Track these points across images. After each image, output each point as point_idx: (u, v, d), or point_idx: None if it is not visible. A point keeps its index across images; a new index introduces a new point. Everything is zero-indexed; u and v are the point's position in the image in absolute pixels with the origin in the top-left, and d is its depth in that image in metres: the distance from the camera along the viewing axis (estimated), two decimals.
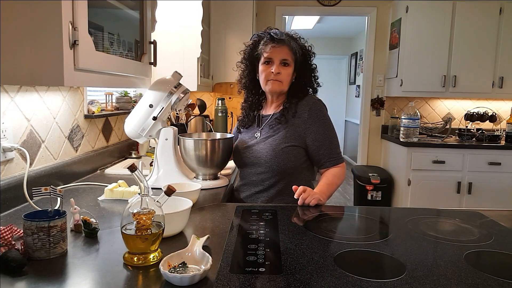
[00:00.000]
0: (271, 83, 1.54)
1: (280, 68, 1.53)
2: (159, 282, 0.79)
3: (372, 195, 3.76)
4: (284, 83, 1.55)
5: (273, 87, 1.55)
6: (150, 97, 1.52)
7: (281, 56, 1.53)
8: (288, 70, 1.54)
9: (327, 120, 1.55)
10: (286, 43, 1.53)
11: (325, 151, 1.53)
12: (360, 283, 0.78)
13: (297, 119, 1.53)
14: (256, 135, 1.59)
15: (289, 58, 1.53)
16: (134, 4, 1.51)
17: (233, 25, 3.43)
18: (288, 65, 1.54)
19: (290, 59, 1.54)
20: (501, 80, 3.70)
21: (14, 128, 1.30)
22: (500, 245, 1.02)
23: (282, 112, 1.56)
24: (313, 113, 1.53)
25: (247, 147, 1.58)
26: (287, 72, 1.54)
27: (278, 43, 1.53)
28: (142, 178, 0.90)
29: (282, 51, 1.53)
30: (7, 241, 0.88)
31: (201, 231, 1.08)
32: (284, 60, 1.53)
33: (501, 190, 3.49)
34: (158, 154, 1.56)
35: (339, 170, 1.55)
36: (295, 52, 1.54)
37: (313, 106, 1.54)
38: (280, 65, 1.53)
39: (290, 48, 1.53)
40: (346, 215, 1.32)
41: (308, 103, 1.55)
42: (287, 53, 1.53)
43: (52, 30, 0.90)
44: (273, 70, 1.52)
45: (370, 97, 4.22)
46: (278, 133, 1.53)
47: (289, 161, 1.50)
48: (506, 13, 3.61)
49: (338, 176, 1.54)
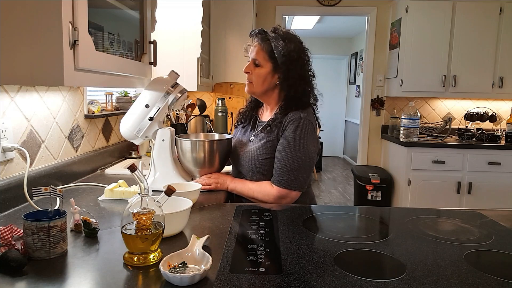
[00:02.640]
0: (246, 84, 1.52)
1: (252, 68, 1.48)
2: (159, 282, 0.79)
3: (372, 195, 3.76)
4: (254, 85, 1.49)
5: (246, 88, 1.53)
6: (147, 97, 1.49)
7: (252, 55, 1.48)
8: (260, 71, 1.47)
9: (294, 140, 1.40)
10: (259, 42, 1.47)
11: (274, 167, 1.43)
12: (360, 283, 0.78)
13: (280, 131, 1.44)
14: (250, 139, 1.55)
15: (259, 58, 1.46)
16: (134, 4, 1.51)
17: (233, 25, 3.44)
18: (259, 66, 1.47)
19: (262, 59, 1.46)
20: (501, 80, 3.70)
21: (14, 128, 1.30)
22: (500, 245, 1.02)
23: (269, 121, 1.49)
24: (288, 128, 1.42)
25: (240, 150, 1.56)
26: (257, 73, 1.47)
27: (253, 42, 1.49)
28: (142, 178, 0.90)
29: (254, 50, 1.48)
30: (7, 241, 0.88)
31: (201, 231, 1.08)
32: (254, 60, 1.48)
33: (501, 190, 3.49)
34: (154, 156, 1.53)
35: (271, 190, 1.41)
36: (272, 51, 1.44)
37: (292, 122, 1.42)
38: (252, 65, 1.48)
39: (262, 47, 1.46)
40: (346, 215, 1.32)
41: (292, 118, 1.42)
42: (258, 52, 1.47)
43: (52, 30, 0.90)
44: (244, 69, 1.48)
45: (370, 97, 4.22)
46: (260, 143, 1.48)
47: (268, 173, 1.45)
48: (506, 13, 3.61)
49: (264, 193, 1.43)
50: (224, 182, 1.52)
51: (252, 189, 1.47)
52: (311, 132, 1.44)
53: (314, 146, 1.45)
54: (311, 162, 1.44)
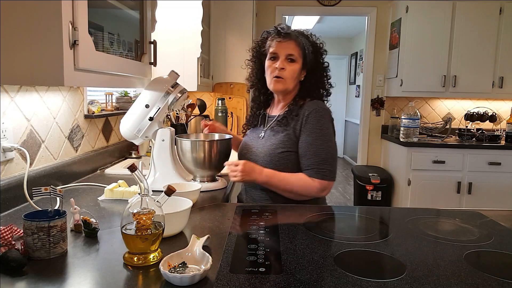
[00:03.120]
0: (274, 81, 1.47)
1: (285, 64, 1.45)
2: (159, 282, 0.79)
3: (372, 195, 3.76)
4: (287, 81, 1.46)
5: (276, 85, 1.48)
6: (147, 97, 1.49)
7: (286, 51, 1.45)
8: (294, 66, 1.46)
9: (321, 131, 1.42)
10: (292, 38, 1.46)
11: (305, 161, 1.41)
12: (360, 283, 0.78)
13: (297, 123, 1.44)
14: (260, 135, 1.54)
15: (295, 53, 1.45)
16: (134, 4, 1.51)
17: (233, 25, 3.44)
18: (294, 61, 1.45)
19: (297, 55, 1.45)
20: (501, 80, 3.70)
21: (14, 128, 1.30)
22: (500, 245, 1.02)
23: (285, 113, 1.49)
24: (310, 120, 1.42)
25: (249, 148, 1.54)
26: (292, 69, 1.45)
27: (284, 37, 1.46)
28: (142, 178, 0.90)
29: (288, 46, 1.45)
30: (7, 241, 0.88)
31: (201, 231, 1.08)
32: (289, 56, 1.45)
33: (501, 190, 3.49)
34: (154, 156, 1.54)
35: (309, 181, 1.39)
36: (303, 48, 1.46)
37: (313, 112, 1.43)
38: (286, 60, 1.45)
39: (297, 43, 1.46)
40: (346, 215, 1.32)
41: (310, 108, 1.44)
42: (293, 48, 1.45)
43: (52, 30, 0.90)
44: (277, 65, 1.45)
45: (370, 97, 4.22)
46: (276, 136, 1.47)
47: (286, 167, 1.42)
48: (506, 13, 3.61)
49: (303, 185, 1.40)
50: (251, 172, 1.40)
51: (290, 182, 1.40)
52: (331, 120, 1.48)
53: (334, 134, 1.49)
54: (336, 151, 1.48)
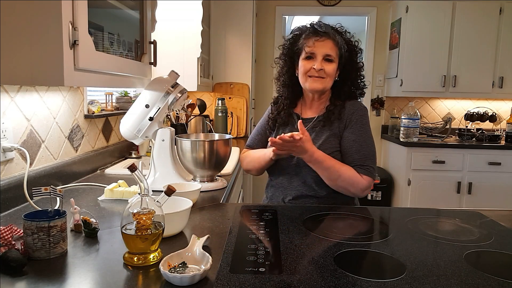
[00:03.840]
0: (312, 80, 1.42)
1: (323, 64, 1.40)
2: (159, 282, 0.79)
3: (372, 195, 3.76)
4: (327, 80, 1.43)
5: (314, 85, 1.43)
6: (147, 97, 1.49)
7: (324, 51, 1.40)
8: (332, 66, 1.42)
9: (364, 128, 1.43)
10: (330, 37, 1.41)
11: (348, 158, 1.40)
12: (360, 283, 0.78)
13: (340, 123, 1.43)
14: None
15: (333, 53, 1.41)
16: (134, 4, 1.51)
17: (233, 25, 3.44)
18: (332, 61, 1.42)
19: (334, 55, 1.41)
20: (501, 80, 3.69)
21: (14, 128, 1.30)
22: (500, 245, 1.02)
23: (327, 115, 1.45)
24: (353, 118, 1.42)
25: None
26: (331, 68, 1.42)
27: (322, 36, 1.41)
28: (142, 178, 0.90)
29: (326, 46, 1.41)
30: (7, 241, 0.88)
31: (201, 231, 1.08)
32: (327, 56, 1.41)
33: (501, 190, 3.49)
34: (154, 156, 1.53)
35: (358, 177, 1.38)
36: (340, 47, 1.42)
37: (356, 111, 1.43)
38: (323, 60, 1.41)
39: (335, 42, 1.42)
40: (346, 215, 1.32)
41: (353, 107, 1.44)
42: (332, 47, 1.41)
43: (52, 30, 0.90)
44: (316, 66, 1.40)
45: (370, 97, 4.22)
46: (321, 137, 1.43)
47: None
48: (506, 13, 3.61)
49: (352, 178, 1.37)
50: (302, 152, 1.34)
51: (340, 173, 1.36)
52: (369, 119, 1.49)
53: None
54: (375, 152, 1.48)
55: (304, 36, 1.45)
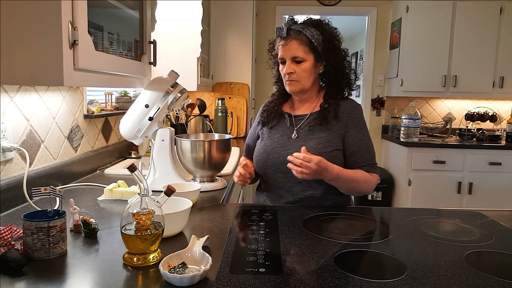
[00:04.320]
0: (288, 84, 1.44)
1: (293, 66, 1.40)
2: (159, 282, 0.79)
3: (373, 195, 3.76)
4: (302, 81, 1.42)
5: (290, 88, 1.44)
6: (146, 97, 1.48)
7: (290, 54, 1.40)
8: (303, 66, 1.40)
9: (365, 127, 1.47)
10: (293, 37, 1.40)
11: (359, 158, 1.42)
12: (360, 283, 0.78)
13: (339, 122, 1.42)
14: (293, 136, 1.46)
15: (299, 54, 1.39)
16: (134, 4, 1.51)
17: (233, 25, 3.43)
18: (303, 61, 1.40)
19: (303, 53, 1.39)
20: (501, 80, 3.69)
21: (14, 128, 1.29)
22: (501, 245, 1.02)
23: (322, 113, 1.44)
24: (355, 117, 1.44)
25: (283, 149, 1.43)
26: (302, 69, 1.40)
27: (286, 39, 1.41)
28: (141, 178, 0.90)
29: (291, 48, 1.40)
30: (7, 241, 0.88)
31: (201, 231, 1.08)
32: (295, 58, 1.40)
33: (502, 190, 3.49)
34: (154, 156, 1.53)
35: (370, 177, 1.41)
36: (310, 42, 1.39)
37: (354, 110, 1.45)
38: (293, 63, 1.41)
39: (299, 41, 1.39)
40: (346, 215, 1.32)
41: (350, 106, 1.46)
42: (297, 48, 1.39)
43: (51, 30, 0.90)
44: (284, 70, 1.42)
45: (371, 97, 4.22)
46: (319, 135, 1.42)
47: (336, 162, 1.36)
48: (506, 13, 3.61)
49: (367, 181, 1.40)
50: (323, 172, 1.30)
51: (356, 179, 1.38)
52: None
53: None
54: None
55: (277, 41, 1.46)
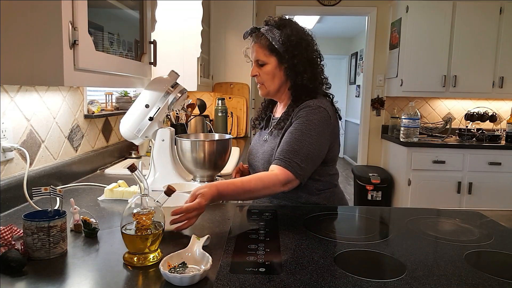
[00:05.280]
0: (258, 88, 1.45)
1: (257, 69, 1.40)
2: (159, 282, 0.79)
3: (372, 195, 3.76)
4: (266, 84, 1.41)
5: (260, 92, 1.46)
6: (146, 97, 1.49)
7: (254, 57, 1.40)
8: (265, 68, 1.38)
9: (307, 125, 1.29)
10: (255, 40, 1.39)
11: (278, 149, 1.29)
12: (360, 283, 0.78)
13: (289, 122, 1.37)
14: (265, 138, 1.47)
15: (260, 56, 1.38)
16: (134, 4, 1.51)
17: (233, 25, 3.43)
18: (264, 64, 1.38)
19: (263, 56, 1.37)
20: (501, 80, 3.70)
21: (14, 128, 1.30)
22: (500, 245, 1.02)
23: (282, 115, 1.42)
24: (299, 114, 1.33)
25: (255, 153, 1.48)
26: (264, 72, 1.39)
27: (251, 43, 1.41)
28: (142, 178, 0.90)
29: (254, 51, 1.40)
30: (7, 241, 0.88)
31: (201, 231, 1.08)
32: (258, 61, 1.40)
33: (501, 190, 3.49)
34: (154, 156, 1.53)
35: (272, 175, 1.22)
36: (269, 44, 1.35)
37: (305, 108, 1.33)
38: (257, 66, 1.40)
39: (259, 44, 1.38)
40: (346, 215, 1.32)
41: (305, 104, 1.34)
42: (257, 50, 1.38)
43: (52, 30, 0.90)
44: (251, 73, 1.42)
45: (370, 97, 4.22)
46: (277, 139, 1.38)
47: None
48: (506, 13, 3.61)
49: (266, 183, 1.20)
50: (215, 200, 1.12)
51: (251, 188, 1.19)
52: (325, 121, 1.31)
53: (326, 138, 1.31)
54: (319, 155, 1.30)
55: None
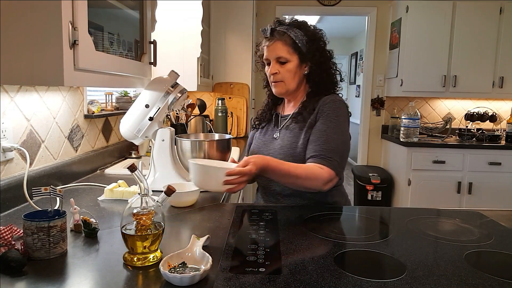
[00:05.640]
0: (273, 86, 1.43)
1: (278, 67, 1.40)
2: (159, 282, 0.79)
3: (372, 195, 3.76)
4: (286, 82, 1.41)
5: (276, 90, 1.44)
6: (146, 97, 1.49)
7: (274, 55, 1.39)
8: (287, 66, 1.39)
9: (337, 121, 1.35)
10: (276, 38, 1.39)
11: (313, 147, 1.32)
12: (360, 283, 0.78)
13: (313, 116, 1.38)
14: (275, 136, 1.47)
15: (284, 53, 1.38)
16: (134, 4, 1.51)
17: (233, 25, 3.43)
18: (287, 62, 1.39)
19: (287, 54, 1.38)
20: (501, 80, 3.70)
21: (14, 128, 1.30)
22: (500, 245, 1.02)
23: (299, 110, 1.43)
24: (326, 109, 1.36)
25: (265, 150, 1.45)
26: (286, 70, 1.40)
27: (270, 40, 1.41)
28: (142, 178, 0.90)
29: (275, 48, 1.39)
30: (7, 241, 0.88)
31: (201, 231, 1.08)
32: (279, 58, 1.39)
33: (501, 190, 3.49)
34: (154, 156, 1.53)
35: (317, 170, 1.27)
36: (294, 43, 1.38)
37: (330, 103, 1.37)
38: (277, 63, 1.40)
39: (283, 41, 1.39)
40: (346, 215, 1.32)
41: (329, 99, 1.39)
42: (280, 48, 1.39)
43: (52, 30, 0.90)
44: (269, 71, 1.41)
45: (370, 97, 4.22)
46: (294, 133, 1.40)
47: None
48: (506, 13, 3.61)
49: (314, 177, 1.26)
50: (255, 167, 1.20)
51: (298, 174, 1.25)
52: (347, 116, 1.41)
53: (349, 134, 1.40)
54: (348, 152, 1.37)
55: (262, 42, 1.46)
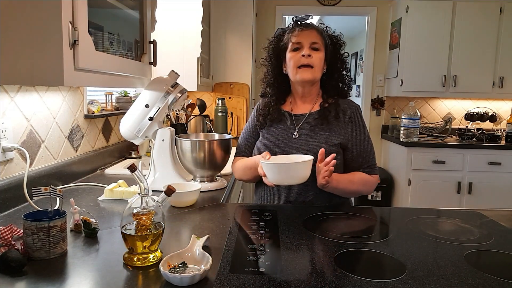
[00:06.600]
0: (301, 70, 1.40)
1: (311, 52, 1.39)
2: (159, 282, 0.79)
3: (372, 195, 3.76)
4: (316, 69, 1.41)
5: (304, 75, 1.40)
6: (146, 97, 1.49)
7: (310, 39, 1.40)
8: (319, 54, 1.41)
9: (366, 129, 1.50)
10: (313, 27, 1.43)
11: (364, 159, 1.43)
12: (360, 283, 0.78)
13: (339, 122, 1.43)
14: (295, 135, 1.44)
15: (319, 41, 1.41)
16: (134, 4, 1.51)
17: (233, 25, 3.44)
18: (319, 50, 1.41)
19: (320, 43, 1.41)
20: (501, 80, 3.69)
21: (14, 128, 1.30)
22: (500, 245, 1.02)
23: (323, 112, 1.44)
24: (355, 118, 1.46)
25: (285, 149, 1.42)
26: (319, 57, 1.40)
27: (306, 27, 1.43)
28: (142, 178, 0.90)
29: (311, 34, 1.41)
30: (7, 241, 0.88)
31: (201, 231, 1.08)
32: (314, 44, 1.40)
33: (501, 190, 3.49)
34: (154, 156, 1.54)
35: (370, 179, 1.43)
36: (325, 37, 1.43)
37: (355, 111, 1.47)
38: (310, 49, 1.40)
39: (319, 32, 1.42)
40: (346, 215, 1.32)
41: (350, 106, 1.47)
42: (316, 36, 1.41)
43: (52, 30, 0.90)
44: (304, 52, 1.38)
45: (370, 97, 4.22)
46: (320, 135, 1.41)
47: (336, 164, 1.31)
48: (506, 13, 3.61)
49: (365, 183, 1.42)
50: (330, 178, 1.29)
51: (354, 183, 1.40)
52: None
53: None
54: None
55: (289, 31, 1.46)
